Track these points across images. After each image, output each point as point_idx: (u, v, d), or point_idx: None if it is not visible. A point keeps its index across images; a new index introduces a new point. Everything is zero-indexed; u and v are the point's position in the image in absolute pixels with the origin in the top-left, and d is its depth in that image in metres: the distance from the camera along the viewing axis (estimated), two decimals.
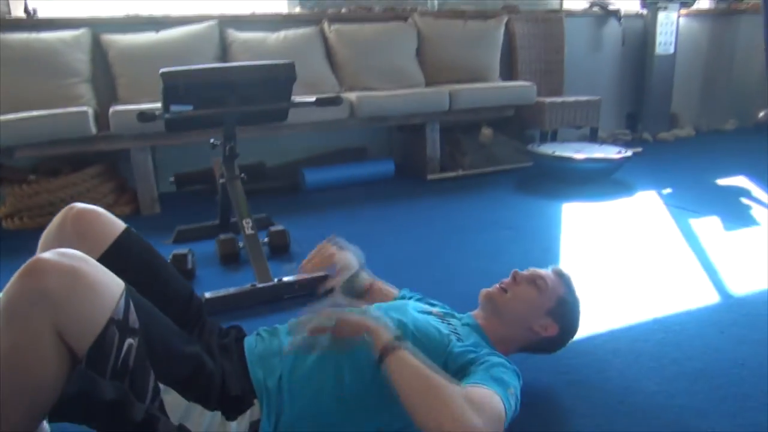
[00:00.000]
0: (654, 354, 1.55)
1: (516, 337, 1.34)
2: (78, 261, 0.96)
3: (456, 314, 1.40)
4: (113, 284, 0.98)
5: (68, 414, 0.93)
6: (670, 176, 3.59)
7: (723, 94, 5.38)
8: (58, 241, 1.16)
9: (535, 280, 1.35)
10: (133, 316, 0.97)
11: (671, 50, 4.77)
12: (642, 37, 4.83)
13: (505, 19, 4.18)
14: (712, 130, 5.28)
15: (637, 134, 4.92)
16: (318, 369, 1.14)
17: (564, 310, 1.35)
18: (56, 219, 1.23)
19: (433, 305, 1.42)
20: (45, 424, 1.28)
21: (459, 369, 1.16)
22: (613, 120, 4.98)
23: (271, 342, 1.23)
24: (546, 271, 1.39)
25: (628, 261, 2.24)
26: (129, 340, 0.95)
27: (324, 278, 2.01)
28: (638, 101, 4.96)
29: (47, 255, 0.94)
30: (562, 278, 1.39)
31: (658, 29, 4.68)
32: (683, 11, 4.82)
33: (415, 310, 1.32)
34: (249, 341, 1.25)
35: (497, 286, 1.38)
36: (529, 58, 4.35)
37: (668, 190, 3.26)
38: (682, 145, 4.73)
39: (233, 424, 1.08)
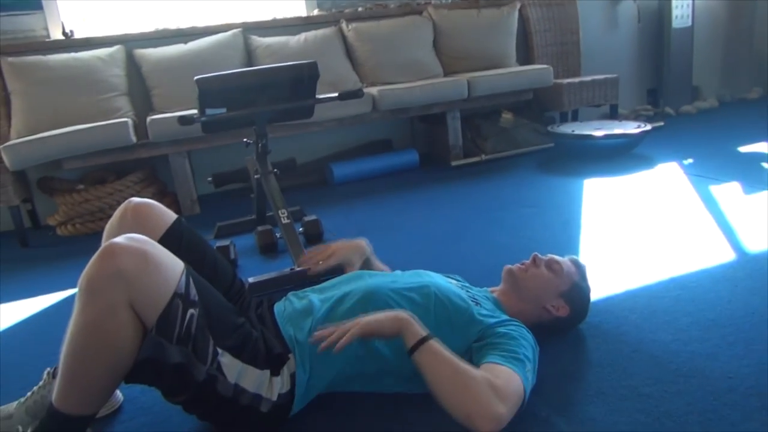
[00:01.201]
0: (669, 309, 1.64)
1: (530, 313, 1.47)
2: (145, 244, 1.11)
3: (472, 287, 1.54)
4: (175, 263, 1.13)
5: (142, 375, 1.07)
6: (691, 147, 3.63)
7: (745, 62, 5.34)
8: (121, 231, 1.30)
9: (552, 264, 1.49)
10: (193, 291, 1.12)
11: (688, 23, 4.77)
12: (658, 12, 4.84)
13: (519, 5, 4.26)
14: (736, 100, 5.25)
15: (659, 109, 4.94)
16: (344, 319, 1.26)
17: (576, 294, 1.49)
18: (117, 212, 1.40)
19: (451, 278, 1.55)
20: (118, 392, 1.45)
21: (481, 335, 1.30)
22: (634, 97, 5.00)
23: (299, 304, 1.38)
24: (563, 258, 1.53)
25: (647, 227, 2.33)
26: (191, 311, 1.10)
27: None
28: (658, 76, 4.98)
29: (119, 239, 1.09)
30: (578, 267, 1.54)
31: (674, 3, 4.68)
32: None
33: (438, 276, 1.46)
34: (278, 306, 1.42)
35: (518, 265, 1.52)
36: (544, 42, 4.42)
37: (689, 161, 3.31)
38: (705, 116, 4.73)
39: (277, 380, 1.22)
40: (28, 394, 1.36)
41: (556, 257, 1.52)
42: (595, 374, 1.37)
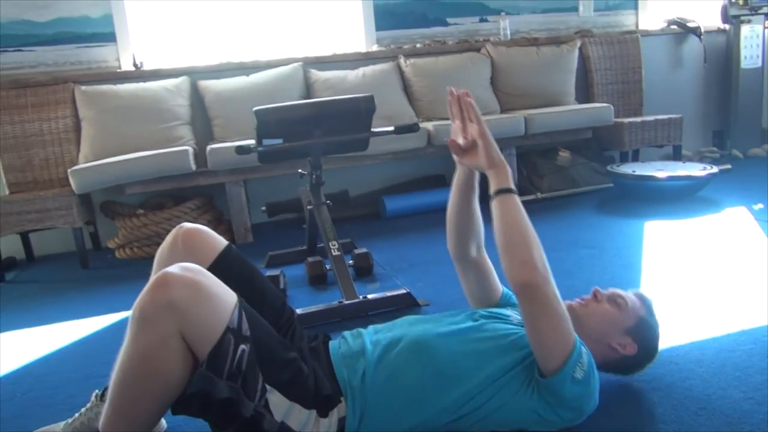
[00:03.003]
0: (740, 364, 1.53)
1: (595, 351, 1.36)
2: (198, 275, 1.10)
3: None
4: (228, 296, 1.12)
5: (189, 408, 1.06)
6: (761, 192, 3.45)
7: None
8: (172, 256, 1.31)
9: (615, 299, 1.40)
10: (245, 325, 1.10)
11: (758, 63, 4.61)
12: (725, 52, 4.70)
13: (579, 43, 4.22)
14: None
15: (725, 151, 4.75)
16: (397, 368, 1.24)
17: (644, 330, 1.39)
18: (168, 237, 1.39)
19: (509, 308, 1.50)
20: (162, 420, 1.44)
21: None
22: (699, 138, 4.83)
23: (354, 343, 1.34)
24: (627, 292, 1.43)
25: (714, 274, 2.20)
26: (242, 346, 1.08)
27: (406, 296, 2.12)
28: (725, 118, 4.80)
29: (173, 269, 1.08)
30: (643, 301, 1.43)
31: (743, 43, 4.54)
32: None
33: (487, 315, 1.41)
34: (333, 344, 1.37)
35: (578, 300, 1.44)
36: (605, 80, 4.34)
37: (760, 206, 3.14)
38: None
39: (324, 421, 1.18)
40: (76, 415, 1.37)
41: (619, 291, 1.43)
42: (657, 429, 1.27)
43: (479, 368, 1.23)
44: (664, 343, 1.64)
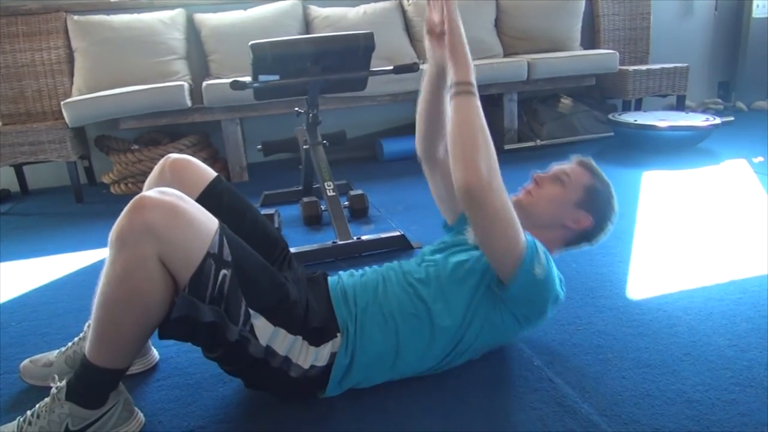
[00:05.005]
0: (727, 312, 1.54)
1: (553, 237, 1.36)
2: (177, 198, 1.07)
3: None
4: (209, 221, 1.10)
5: (175, 332, 1.06)
6: (763, 145, 3.42)
7: None
8: (158, 186, 1.29)
9: (557, 177, 1.37)
10: (226, 250, 1.08)
11: None
12: (736, 1, 4.57)
13: None
14: None
15: (730, 103, 4.69)
16: (383, 321, 1.24)
17: (594, 198, 1.36)
18: (156, 168, 1.37)
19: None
20: (154, 351, 1.47)
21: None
22: (704, 89, 4.76)
23: (348, 283, 1.34)
24: (567, 164, 1.40)
25: (709, 225, 2.20)
26: (223, 271, 1.07)
27: (400, 238, 2.12)
28: (731, 69, 4.72)
29: (150, 192, 1.07)
30: (586, 167, 1.39)
31: None
32: None
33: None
34: (332, 279, 1.37)
35: (521, 191, 1.40)
36: (612, 26, 4.23)
37: (759, 159, 3.12)
38: None
39: (314, 350, 1.19)
40: (69, 344, 1.39)
41: (560, 166, 1.39)
42: (642, 374, 1.29)
43: (450, 312, 1.24)
44: (653, 290, 1.67)
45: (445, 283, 1.26)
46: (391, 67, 2.31)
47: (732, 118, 4.02)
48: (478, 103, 1.14)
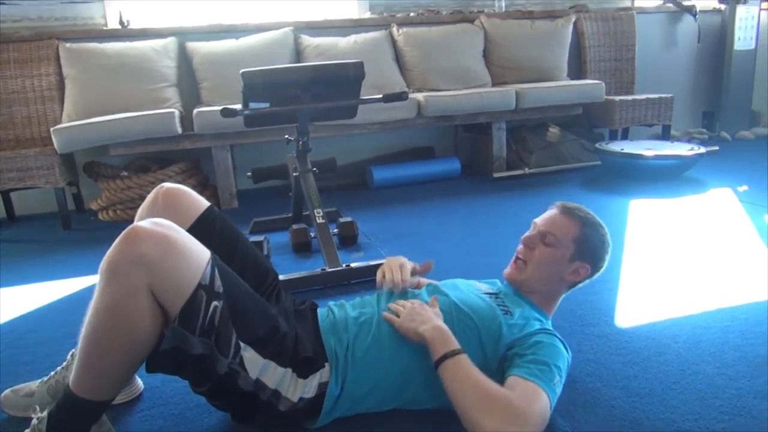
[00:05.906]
0: (715, 340, 1.55)
1: (555, 291, 1.40)
2: (169, 230, 1.07)
3: (501, 284, 1.46)
4: (201, 252, 1.10)
5: (163, 365, 1.04)
6: (746, 174, 3.47)
7: None
8: (151, 216, 1.27)
9: (544, 239, 1.36)
10: (218, 282, 1.08)
11: (752, 45, 4.60)
12: (719, 33, 4.68)
13: (574, 18, 4.18)
14: None
15: (714, 133, 4.76)
16: (377, 343, 1.24)
17: (586, 246, 1.36)
18: (149, 197, 1.37)
19: (485, 282, 1.49)
20: (138, 381, 1.44)
21: (511, 344, 1.23)
22: (689, 119, 4.84)
23: (339, 315, 1.34)
24: (552, 215, 1.39)
25: (695, 253, 2.22)
26: (215, 303, 1.06)
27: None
28: (715, 99, 4.80)
29: (143, 223, 1.07)
30: (570, 215, 1.38)
31: (738, 24, 4.52)
32: (765, 5, 4.64)
33: (465, 286, 1.40)
34: (321, 311, 1.36)
35: (514, 262, 1.41)
36: (598, 57, 4.31)
37: (744, 188, 3.16)
38: (763, 143, 4.53)
39: (303, 382, 1.18)
40: (51, 373, 1.37)
41: (545, 221, 1.39)
42: (631, 403, 1.29)
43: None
44: (642, 319, 1.67)
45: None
46: (381, 96, 2.33)
47: (716, 148, 4.08)
48: (464, 360, 1.13)
